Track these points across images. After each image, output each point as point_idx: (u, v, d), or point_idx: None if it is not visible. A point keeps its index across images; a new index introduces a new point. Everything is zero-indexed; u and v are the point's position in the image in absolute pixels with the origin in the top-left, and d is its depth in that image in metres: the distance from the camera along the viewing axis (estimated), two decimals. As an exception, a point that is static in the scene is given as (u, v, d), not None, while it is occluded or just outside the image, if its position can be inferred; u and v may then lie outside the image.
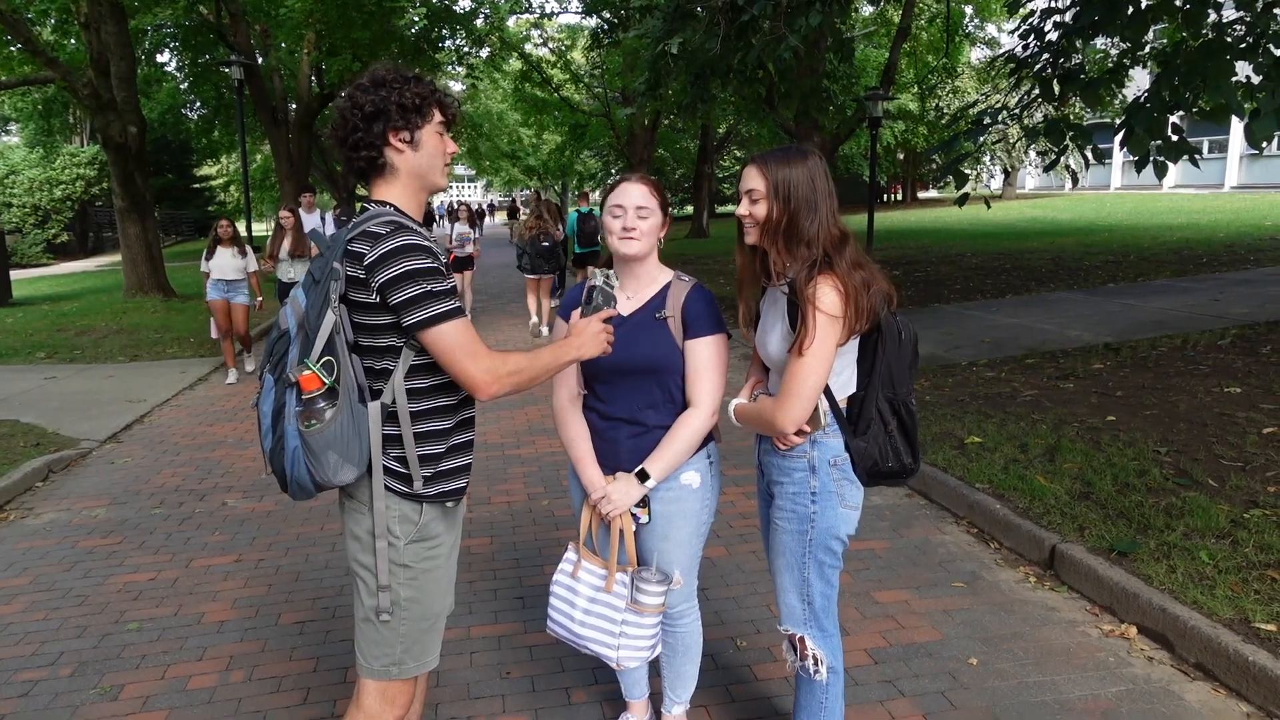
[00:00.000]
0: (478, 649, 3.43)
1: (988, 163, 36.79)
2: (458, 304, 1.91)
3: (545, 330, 11.20)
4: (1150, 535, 3.83)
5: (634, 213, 2.32)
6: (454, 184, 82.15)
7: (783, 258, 2.17)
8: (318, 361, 1.87)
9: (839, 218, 2.20)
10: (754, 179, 2.18)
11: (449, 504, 2.07)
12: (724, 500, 4.84)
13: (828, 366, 2.11)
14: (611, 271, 2.27)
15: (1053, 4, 7.71)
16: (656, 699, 2.82)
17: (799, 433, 2.20)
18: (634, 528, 2.45)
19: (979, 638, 3.37)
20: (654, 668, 2.73)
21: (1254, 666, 2.85)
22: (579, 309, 2.26)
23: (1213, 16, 6.51)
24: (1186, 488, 4.32)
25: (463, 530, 2.47)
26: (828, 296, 2.07)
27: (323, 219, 12.03)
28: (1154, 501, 4.18)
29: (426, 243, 1.91)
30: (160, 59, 24.89)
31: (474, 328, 1.94)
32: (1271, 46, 6.06)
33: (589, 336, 2.09)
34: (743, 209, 2.21)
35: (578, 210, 13.25)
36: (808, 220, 2.12)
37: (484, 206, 55.45)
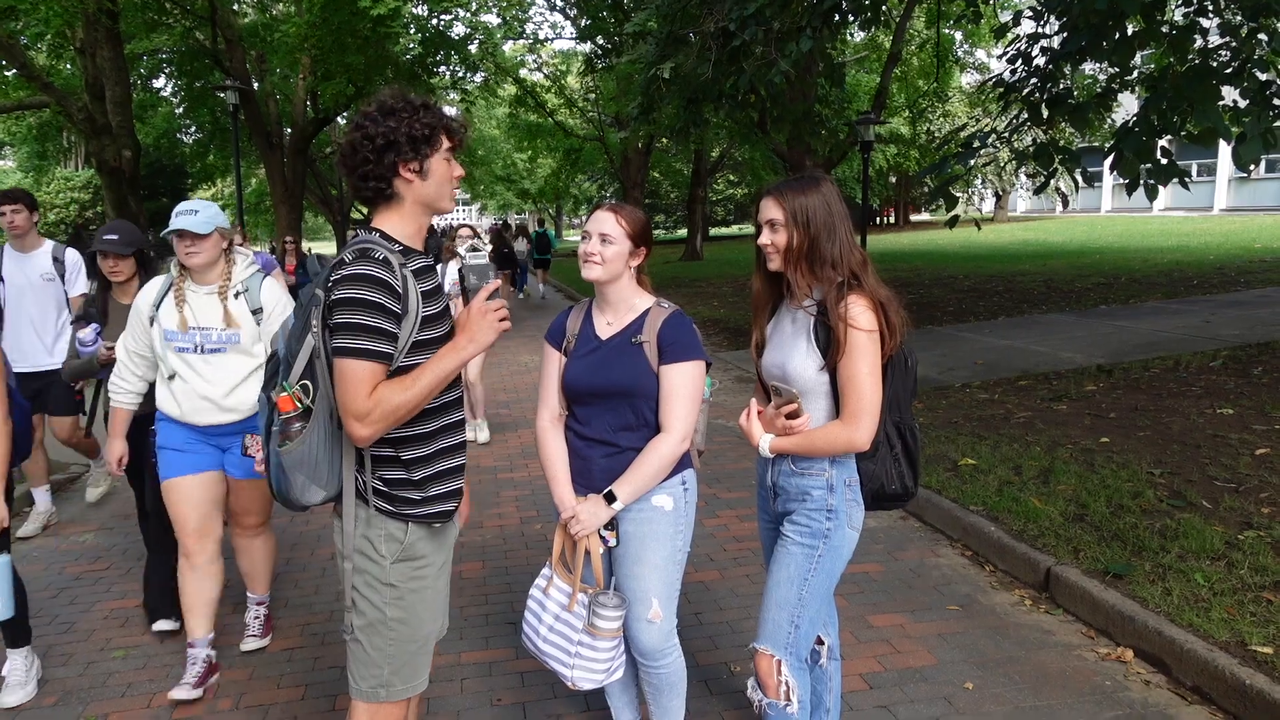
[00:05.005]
0: (468, 675, 3.39)
1: (979, 185, 37.07)
2: (380, 348, 1.86)
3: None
4: (1145, 557, 3.82)
5: (597, 239, 2.39)
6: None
7: (806, 280, 2.24)
8: (295, 384, 1.92)
9: (855, 242, 2.28)
10: (772, 209, 2.25)
11: (436, 525, 2.07)
12: (718, 523, 4.83)
13: (880, 380, 2.19)
14: (473, 241, 2.28)
15: (1040, 29, 7.80)
16: (649, 726, 2.78)
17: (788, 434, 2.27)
18: (601, 549, 2.45)
19: (974, 662, 3.34)
20: (642, 694, 2.69)
21: (1251, 690, 2.83)
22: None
23: (1199, 42, 6.59)
24: (1181, 509, 4.31)
25: (454, 555, 2.45)
26: (863, 315, 2.16)
27: (60, 266, 5.12)
28: (1148, 523, 4.17)
29: (383, 276, 1.87)
30: (156, 84, 25.03)
31: (382, 376, 1.89)
32: (1257, 71, 6.13)
33: (478, 326, 1.98)
34: (764, 239, 2.28)
35: (537, 230, 20.09)
36: (829, 244, 2.21)
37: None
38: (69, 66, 18.44)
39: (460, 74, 23.64)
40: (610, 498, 2.38)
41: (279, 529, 5.06)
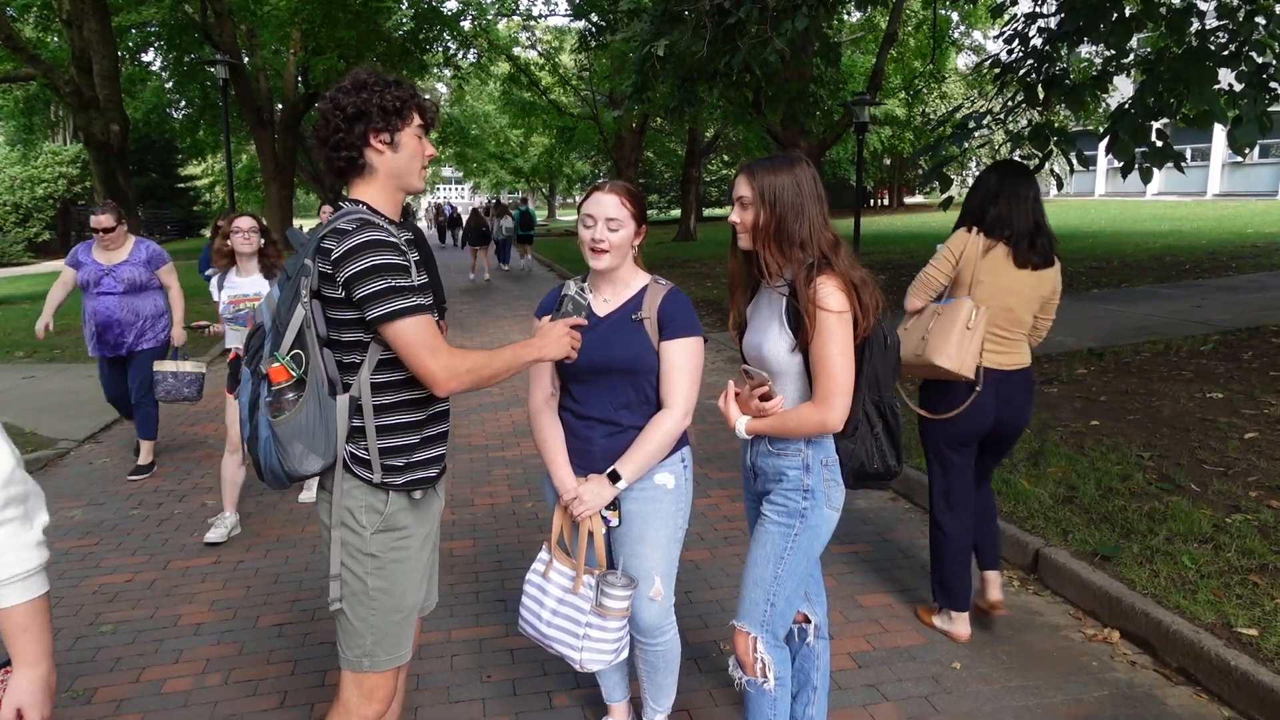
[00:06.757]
0: (458, 652, 3.39)
1: (974, 168, 36.99)
2: (421, 301, 1.93)
3: (473, 278, 18.31)
4: (1133, 540, 3.84)
5: (604, 224, 2.32)
6: (441, 185, 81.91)
7: (776, 260, 2.22)
8: (286, 354, 1.93)
9: (829, 223, 2.25)
10: (742, 186, 2.25)
11: (416, 494, 2.08)
12: (709, 503, 4.83)
13: (852, 360, 2.17)
14: (586, 284, 2.28)
15: (1037, 9, 7.75)
16: (638, 702, 2.79)
17: (760, 416, 2.26)
18: (604, 530, 2.44)
19: (962, 641, 3.36)
20: (634, 671, 2.70)
21: (1236, 671, 2.85)
22: (550, 315, 2.28)
23: (1196, 24, 6.55)
24: (1169, 492, 4.33)
25: (445, 532, 2.45)
26: (832, 296, 2.14)
27: None
28: (1137, 506, 4.19)
29: (393, 239, 1.93)
30: (145, 57, 24.74)
31: (435, 325, 1.96)
32: (1254, 54, 6.10)
33: (553, 339, 2.13)
34: (734, 215, 2.29)
35: (521, 209, 21.23)
36: (796, 224, 2.18)
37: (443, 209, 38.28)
38: (55, 39, 18.23)
39: (453, 51, 23.45)
40: (614, 477, 2.36)
41: (269, 505, 5.04)
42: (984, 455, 3.40)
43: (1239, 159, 30.32)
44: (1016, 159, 3.47)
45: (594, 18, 19.41)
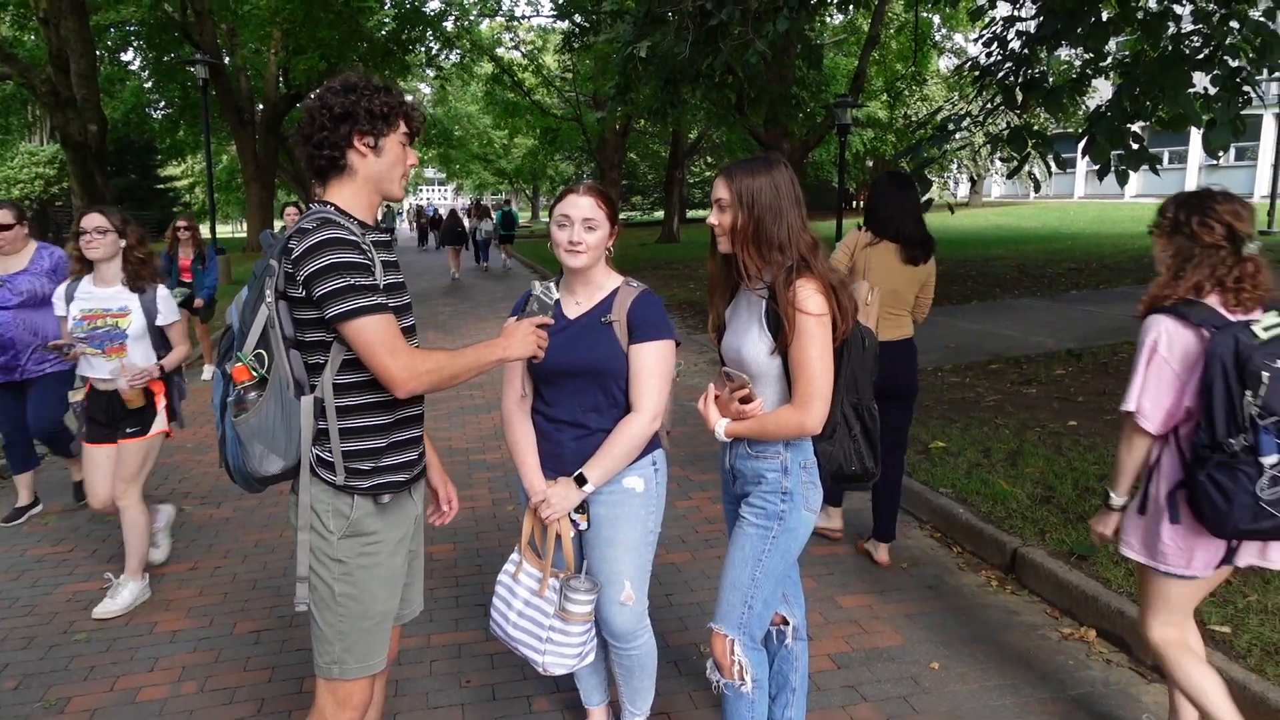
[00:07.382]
0: (437, 657, 3.37)
1: (954, 170, 37.22)
2: (381, 300, 1.92)
3: (457, 276, 18.83)
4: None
5: (580, 225, 2.33)
6: (425, 186, 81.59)
7: (755, 262, 2.23)
8: (249, 354, 1.93)
9: (808, 225, 2.25)
10: (720, 189, 2.26)
11: (383, 499, 2.06)
12: (690, 505, 4.83)
13: (831, 363, 2.18)
14: (552, 283, 2.28)
15: (1016, 12, 7.81)
16: (617, 706, 2.79)
17: (740, 418, 2.27)
18: (572, 533, 2.44)
19: (941, 641, 3.38)
20: (613, 674, 2.70)
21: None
22: (517, 316, 2.27)
23: (1172, 28, 6.63)
24: (1145, 492, 4.37)
25: (425, 536, 2.44)
26: (812, 299, 2.14)
27: None
28: (1113, 505, 4.22)
29: (353, 238, 1.92)
30: (124, 57, 24.53)
31: (396, 325, 1.95)
32: (1228, 58, 6.18)
33: (518, 339, 2.12)
34: (712, 218, 2.29)
35: (502, 210, 22.35)
36: (774, 226, 2.18)
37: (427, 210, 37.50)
38: (32, 37, 18.04)
39: (436, 51, 23.39)
40: (581, 480, 2.36)
41: (248, 510, 5.01)
42: (885, 416, 3.66)
43: (1214, 162, 30.67)
44: (902, 170, 4.28)
45: (577, 19, 19.40)
